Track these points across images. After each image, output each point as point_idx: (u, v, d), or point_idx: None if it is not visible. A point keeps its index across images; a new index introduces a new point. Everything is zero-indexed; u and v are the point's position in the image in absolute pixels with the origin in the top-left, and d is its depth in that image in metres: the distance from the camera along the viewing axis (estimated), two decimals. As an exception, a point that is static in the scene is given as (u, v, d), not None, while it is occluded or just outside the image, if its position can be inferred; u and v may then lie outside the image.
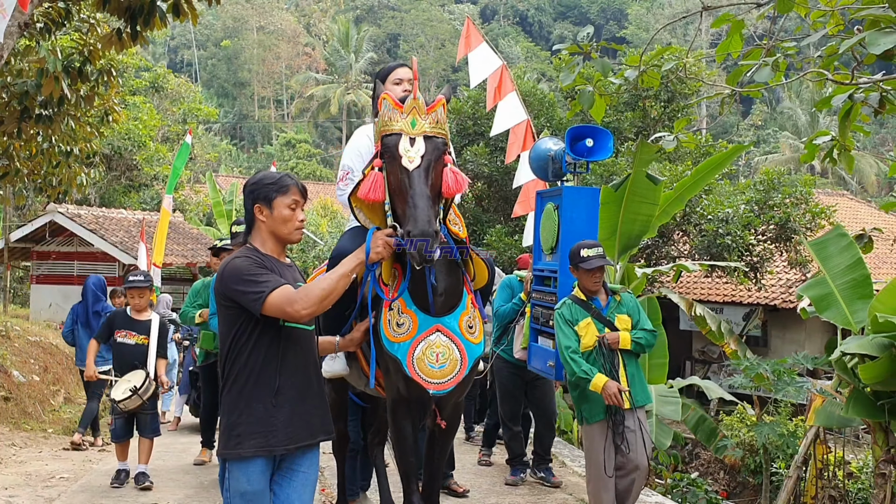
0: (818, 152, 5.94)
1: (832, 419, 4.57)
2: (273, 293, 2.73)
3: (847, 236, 4.56)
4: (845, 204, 20.85)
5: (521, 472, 5.88)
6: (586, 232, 5.02)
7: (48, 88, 7.71)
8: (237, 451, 2.77)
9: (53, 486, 5.85)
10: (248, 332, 2.83)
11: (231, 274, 2.81)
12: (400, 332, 3.34)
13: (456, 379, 3.34)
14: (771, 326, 16.39)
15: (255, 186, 2.96)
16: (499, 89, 7.97)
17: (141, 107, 18.96)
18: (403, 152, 3.03)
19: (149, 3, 7.33)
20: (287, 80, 54.33)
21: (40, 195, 12.31)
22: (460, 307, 3.42)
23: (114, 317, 6.09)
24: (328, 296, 2.80)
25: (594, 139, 5.25)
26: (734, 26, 5.11)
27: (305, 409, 2.88)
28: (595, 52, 5.75)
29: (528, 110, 15.02)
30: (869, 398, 4.04)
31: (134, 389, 5.58)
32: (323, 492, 5.35)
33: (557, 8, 61.73)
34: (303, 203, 3.00)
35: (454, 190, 3.13)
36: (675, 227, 13.22)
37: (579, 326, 4.42)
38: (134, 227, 15.63)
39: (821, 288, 4.46)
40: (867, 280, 4.28)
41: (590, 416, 4.43)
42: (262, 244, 2.95)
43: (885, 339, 3.73)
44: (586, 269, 4.41)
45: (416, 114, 3.10)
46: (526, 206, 8.05)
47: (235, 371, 2.83)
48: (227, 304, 2.85)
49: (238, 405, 2.81)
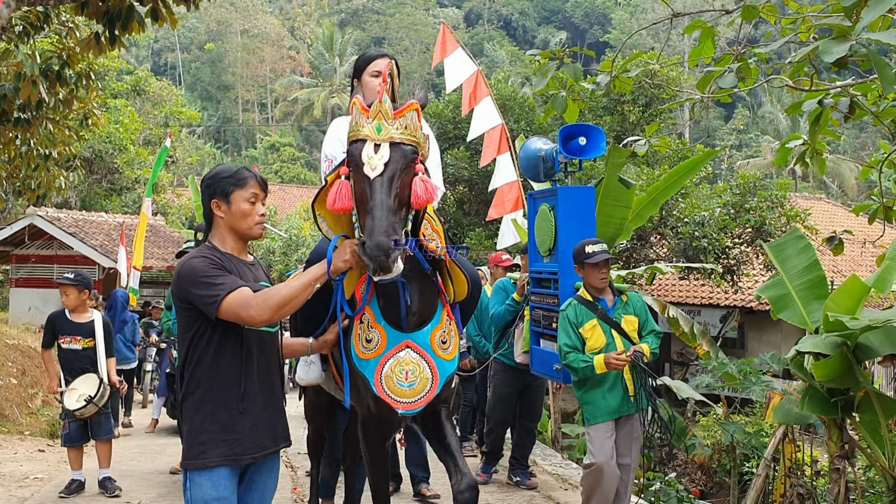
0: (791, 156, 6.10)
1: (789, 416, 4.69)
2: (229, 297, 2.61)
3: (804, 239, 4.69)
4: (822, 207, 21.12)
5: (492, 468, 5.93)
6: (583, 231, 4.94)
7: (26, 92, 7.75)
8: (201, 460, 2.65)
9: (27, 487, 5.90)
10: (209, 335, 2.70)
11: (186, 275, 2.68)
12: (369, 348, 3.20)
13: (426, 398, 3.20)
14: (748, 328, 16.58)
15: (212, 181, 2.81)
16: (474, 94, 8.07)
17: (122, 110, 18.93)
18: (367, 159, 2.83)
19: (127, 8, 7.39)
20: (271, 83, 54.25)
21: (19, 198, 12.32)
22: (433, 321, 3.26)
23: (53, 320, 5.75)
24: (287, 304, 2.67)
25: (587, 137, 5.19)
26: (704, 32, 5.24)
27: (270, 414, 2.79)
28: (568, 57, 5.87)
29: (509, 114, 15.21)
30: (823, 395, 4.17)
31: (89, 399, 5.42)
32: (295, 490, 5.41)
33: (541, 12, 62.03)
34: (263, 197, 2.86)
35: (424, 200, 2.90)
36: (652, 230, 13.37)
37: (584, 329, 4.37)
38: (114, 231, 15.60)
39: (778, 289, 4.58)
40: (823, 281, 4.41)
41: (592, 417, 4.40)
42: (222, 241, 2.83)
43: (838, 338, 3.85)
44: (592, 264, 4.36)
45: (381, 119, 2.90)
46: (500, 209, 8.16)
47: (198, 376, 2.70)
48: (184, 306, 2.71)
49: (201, 411, 2.68)
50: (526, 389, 5.89)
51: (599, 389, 4.36)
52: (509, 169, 8.12)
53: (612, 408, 4.33)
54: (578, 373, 4.33)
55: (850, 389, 4.12)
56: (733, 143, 47.01)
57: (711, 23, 5.15)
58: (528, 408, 5.97)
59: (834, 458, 4.29)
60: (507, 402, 5.88)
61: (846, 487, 4.28)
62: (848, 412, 4.14)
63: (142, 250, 11.33)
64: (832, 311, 3.86)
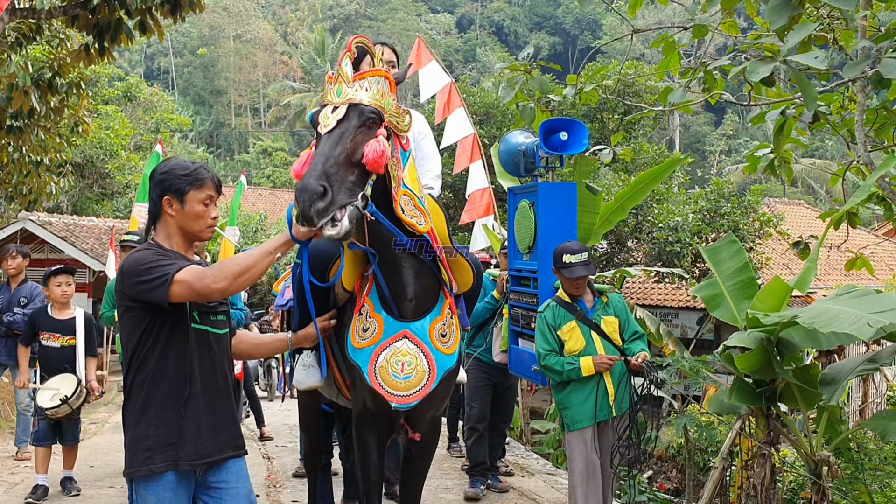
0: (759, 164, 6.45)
1: (721, 406, 5.05)
2: (180, 272, 2.44)
3: (737, 243, 5.04)
4: (800, 212, 21.51)
5: (480, 484, 5.63)
6: (564, 229, 4.80)
7: (18, 102, 8.06)
8: (148, 466, 2.49)
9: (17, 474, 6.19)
10: (155, 335, 2.54)
11: (130, 267, 2.50)
12: (364, 337, 3.08)
13: (422, 392, 3.05)
14: (723, 330, 16.92)
15: (166, 176, 2.61)
16: (447, 104, 8.44)
17: (113, 116, 19.22)
18: (322, 119, 2.80)
19: (116, 21, 7.72)
20: (263, 88, 54.57)
21: (11, 203, 12.62)
22: (433, 312, 3.12)
23: (35, 316, 5.53)
24: (245, 272, 2.48)
25: (568, 132, 5.03)
26: (667, 47, 5.59)
27: (216, 421, 2.61)
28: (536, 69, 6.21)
29: (492, 121, 15.59)
30: (750, 386, 4.53)
31: (65, 398, 5.15)
32: (269, 478, 5.69)
33: (533, 18, 62.52)
34: (216, 198, 2.69)
35: (372, 160, 2.74)
36: (629, 235, 13.75)
37: (562, 331, 4.29)
38: (104, 235, 15.88)
39: (712, 289, 4.93)
40: (753, 282, 4.76)
41: (571, 423, 4.29)
42: (168, 239, 2.65)
43: (761, 333, 4.21)
44: (568, 278, 4.28)
45: (341, 82, 2.85)
46: (472, 214, 8.53)
47: (142, 378, 2.54)
48: (128, 304, 2.54)
49: (146, 415, 2.52)
50: (499, 388, 5.81)
51: (580, 393, 4.25)
52: (481, 175, 8.50)
53: (593, 412, 4.21)
54: (563, 375, 4.23)
55: (774, 381, 4.49)
56: (722, 148, 47.61)
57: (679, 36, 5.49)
58: (499, 410, 5.90)
59: (761, 444, 4.66)
60: (484, 396, 5.72)
61: (772, 471, 4.65)
62: (772, 401, 4.50)
63: (131, 254, 11.65)
64: (757, 310, 4.21)
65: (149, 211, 2.68)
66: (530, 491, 5.83)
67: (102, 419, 9.47)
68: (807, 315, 3.54)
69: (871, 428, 4.51)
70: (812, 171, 34.20)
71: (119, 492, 5.73)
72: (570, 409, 4.29)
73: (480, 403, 5.71)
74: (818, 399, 4.41)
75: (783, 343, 4.27)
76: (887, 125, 5.68)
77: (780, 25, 4.19)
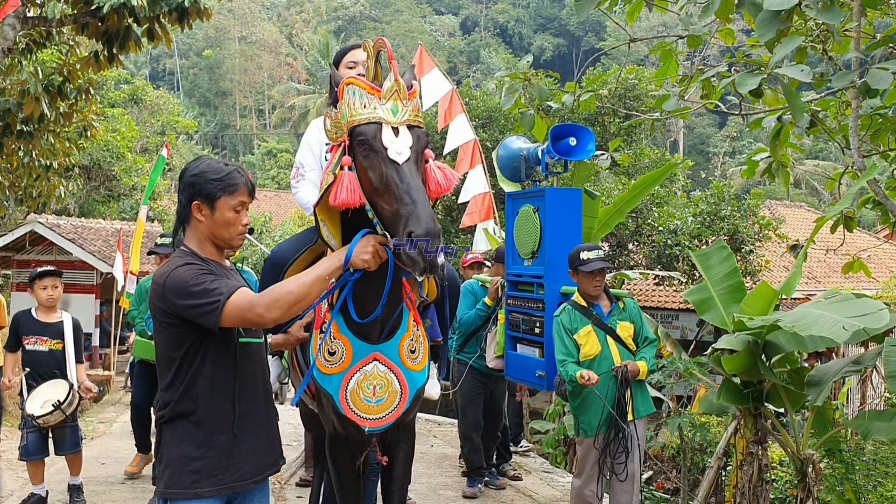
0: (757, 168, 6.59)
1: (711, 406, 5.22)
2: (231, 300, 2.32)
3: (726, 248, 5.20)
4: (801, 215, 21.62)
5: (478, 483, 5.74)
6: (570, 234, 4.82)
7: (29, 108, 8.24)
8: (194, 489, 2.38)
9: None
10: (203, 353, 2.42)
11: (177, 287, 2.36)
12: (332, 361, 2.90)
13: (395, 413, 2.95)
14: (723, 333, 17.07)
15: (197, 179, 2.46)
16: (449, 111, 8.63)
17: (120, 119, 19.43)
18: (389, 143, 2.52)
19: (124, 29, 7.91)
20: (268, 89, 54.83)
21: (21, 206, 12.84)
22: (401, 329, 2.96)
23: (18, 320, 5.17)
24: (299, 301, 2.37)
25: (577, 138, 5.04)
26: (664, 55, 5.75)
27: (267, 432, 2.58)
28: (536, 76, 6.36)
29: (494, 125, 15.75)
30: (738, 387, 4.69)
31: (57, 404, 4.88)
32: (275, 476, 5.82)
33: (537, 20, 62.66)
34: (249, 203, 2.54)
35: (444, 188, 2.65)
36: (629, 237, 13.91)
37: (579, 335, 4.28)
38: (112, 237, 16.09)
39: (702, 293, 5.09)
40: (741, 286, 4.92)
41: (588, 428, 4.33)
42: (200, 245, 2.52)
43: (748, 335, 4.37)
44: (587, 272, 4.27)
45: (397, 99, 2.61)
46: (473, 218, 8.71)
47: (192, 397, 2.41)
48: (169, 321, 2.40)
49: (195, 436, 2.41)
50: (491, 393, 5.82)
51: (594, 402, 4.27)
52: (480, 180, 8.68)
53: (608, 419, 4.23)
54: (574, 385, 4.26)
55: (762, 381, 4.65)
56: (726, 149, 47.68)
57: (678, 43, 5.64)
58: (491, 408, 5.91)
59: (749, 443, 4.81)
60: (477, 405, 5.75)
61: (760, 469, 4.81)
62: (759, 402, 4.66)
63: (138, 255, 11.82)
64: (744, 314, 4.37)
65: (176, 213, 2.55)
66: (527, 488, 6.01)
67: (111, 418, 9.63)
68: (789, 319, 3.71)
69: (854, 427, 4.67)
70: (815, 173, 34.29)
71: (130, 488, 5.88)
72: (586, 416, 4.33)
73: (474, 413, 5.74)
74: (804, 399, 4.56)
75: (770, 345, 4.43)
76: (882, 131, 5.82)
77: (769, 39, 4.34)
